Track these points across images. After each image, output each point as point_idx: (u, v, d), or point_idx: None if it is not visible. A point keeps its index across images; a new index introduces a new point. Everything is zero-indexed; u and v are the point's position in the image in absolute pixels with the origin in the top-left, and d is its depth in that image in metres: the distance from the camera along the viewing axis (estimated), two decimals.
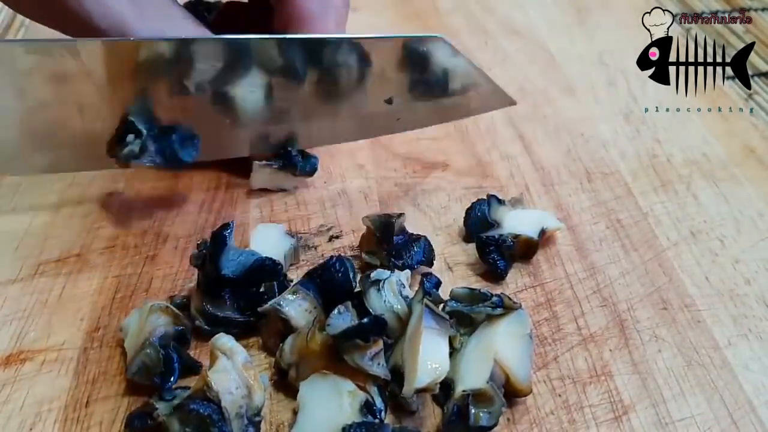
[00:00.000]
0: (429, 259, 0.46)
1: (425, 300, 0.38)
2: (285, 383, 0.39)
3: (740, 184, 0.55)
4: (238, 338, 0.39)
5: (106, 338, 0.42)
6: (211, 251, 0.41)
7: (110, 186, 0.54)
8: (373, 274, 0.41)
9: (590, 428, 0.38)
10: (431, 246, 0.46)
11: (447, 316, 0.38)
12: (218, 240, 0.41)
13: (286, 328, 0.40)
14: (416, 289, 0.40)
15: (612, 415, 0.39)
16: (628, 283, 0.47)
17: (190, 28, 0.47)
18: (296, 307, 0.40)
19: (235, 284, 0.41)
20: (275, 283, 0.42)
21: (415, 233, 0.47)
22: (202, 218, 0.51)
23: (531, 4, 0.80)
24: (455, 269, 0.47)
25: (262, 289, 0.42)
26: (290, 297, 0.41)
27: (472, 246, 0.48)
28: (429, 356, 0.37)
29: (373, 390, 0.38)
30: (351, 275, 0.42)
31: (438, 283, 0.41)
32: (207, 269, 0.41)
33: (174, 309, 0.41)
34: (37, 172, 0.50)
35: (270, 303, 0.41)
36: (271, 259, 0.42)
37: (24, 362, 0.41)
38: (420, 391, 0.36)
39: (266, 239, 0.46)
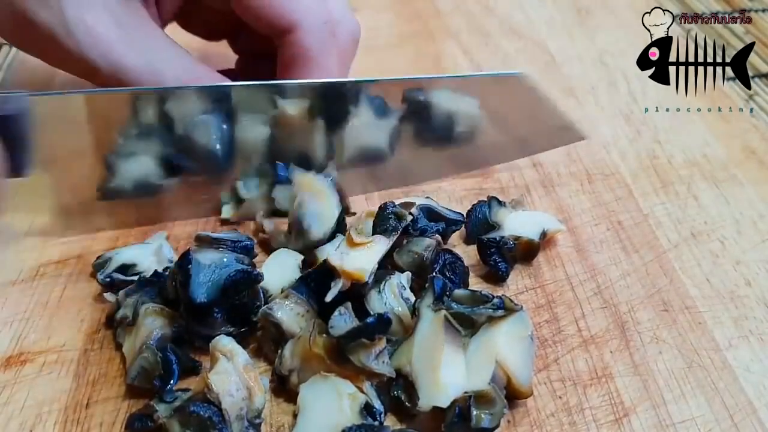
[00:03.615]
0: (466, 282, 0.45)
1: (446, 314, 0.38)
2: (285, 387, 0.39)
3: (741, 185, 0.55)
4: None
5: (107, 340, 0.42)
6: (180, 283, 0.39)
7: None
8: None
9: (591, 430, 0.38)
10: (467, 269, 0.46)
11: (461, 329, 0.39)
12: (183, 274, 0.39)
13: (279, 333, 0.40)
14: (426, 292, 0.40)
15: (613, 417, 0.39)
16: (628, 284, 0.47)
17: (180, 59, 0.46)
18: (288, 312, 0.40)
19: (215, 304, 0.40)
20: (258, 288, 0.41)
21: (448, 254, 0.45)
22: (202, 219, 0.51)
23: (531, 4, 0.79)
24: None
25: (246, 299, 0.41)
26: (281, 302, 0.41)
27: (472, 247, 0.48)
28: (450, 373, 0.37)
29: (372, 392, 0.38)
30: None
31: (444, 286, 0.41)
32: (182, 299, 0.40)
33: (169, 310, 0.40)
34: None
35: (261, 309, 0.40)
36: (241, 270, 0.41)
37: (24, 364, 0.41)
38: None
39: (280, 266, 0.45)
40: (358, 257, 0.41)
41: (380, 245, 0.42)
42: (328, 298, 0.39)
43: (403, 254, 0.44)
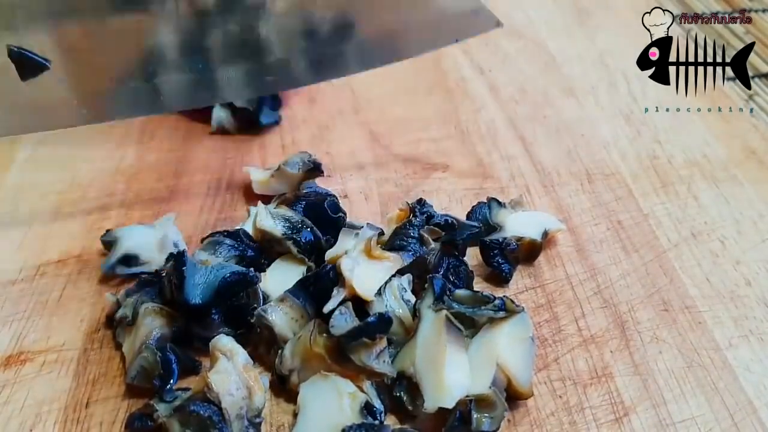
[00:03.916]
0: (470, 287, 0.45)
1: (447, 314, 0.38)
2: (285, 387, 0.39)
3: (741, 185, 0.55)
4: None
5: (106, 339, 0.42)
6: (174, 285, 0.39)
7: (110, 187, 0.54)
8: None
9: (591, 430, 0.38)
10: (471, 273, 0.45)
11: (463, 328, 0.39)
12: (177, 275, 0.39)
13: (271, 336, 0.40)
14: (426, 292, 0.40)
15: (613, 416, 0.39)
16: (628, 284, 0.47)
17: None
18: (281, 316, 0.40)
19: (211, 306, 0.40)
20: (258, 290, 0.41)
21: (452, 258, 0.45)
22: (203, 219, 0.51)
23: (531, 4, 0.79)
24: None
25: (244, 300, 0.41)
26: (276, 305, 0.41)
27: (471, 249, 0.48)
28: (454, 374, 0.37)
29: (372, 391, 0.38)
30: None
31: (444, 286, 0.41)
32: (177, 300, 0.39)
33: (168, 310, 0.40)
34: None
35: (256, 311, 0.40)
36: (237, 272, 0.40)
37: (24, 363, 0.41)
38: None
39: (284, 271, 0.45)
40: (370, 273, 0.40)
41: (395, 264, 0.41)
42: (327, 309, 0.39)
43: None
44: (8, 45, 0.43)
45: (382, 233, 0.44)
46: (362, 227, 0.43)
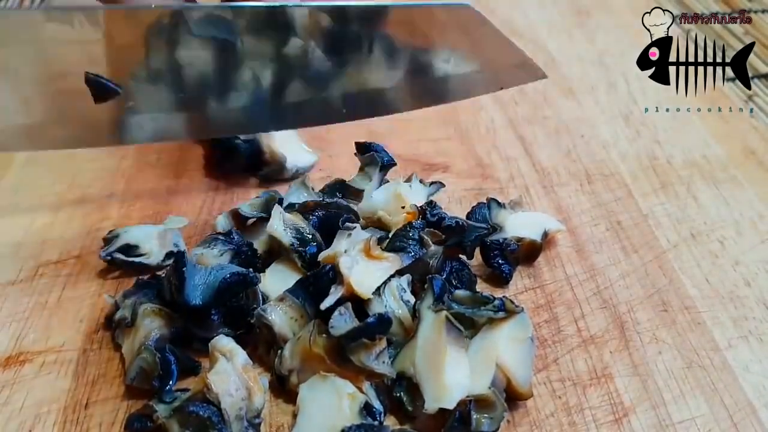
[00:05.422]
0: (473, 290, 0.44)
1: (447, 315, 0.38)
2: (285, 387, 0.39)
3: (740, 186, 0.55)
4: None
5: (106, 340, 0.42)
6: (174, 286, 0.39)
7: (110, 187, 0.54)
8: None
9: (590, 430, 0.38)
10: (474, 277, 0.45)
11: (463, 328, 0.39)
12: (178, 276, 0.39)
13: (271, 335, 0.40)
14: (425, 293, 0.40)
15: (612, 417, 0.39)
16: (628, 284, 0.47)
17: None
18: (281, 315, 0.40)
19: (211, 306, 0.40)
20: (258, 291, 0.41)
21: (455, 261, 0.45)
22: (201, 220, 0.51)
23: (531, 5, 0.79)
24: None
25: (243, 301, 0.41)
26: (276, 304, 0.40)
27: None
28: (454, 374, 0.37)
29: (371, 392, 0.38)
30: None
31: (443, 286, 0.41)
32: (177, 301, 0.39)
33: (167, 311, 0.40)
34: (53, 147, 0.49)
35: (256, 311, 0.40)
36: (236, 273, 0.40)
37: (23, 364, 0.41)
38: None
39: (282, 272, 0.44)
40: (368, 272, 0.40)
41: (394, 265, 0.41)
42: (324, 305, 0.39)
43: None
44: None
45: (386, 236, 0.44)
46: (355, 227, 0.43)
